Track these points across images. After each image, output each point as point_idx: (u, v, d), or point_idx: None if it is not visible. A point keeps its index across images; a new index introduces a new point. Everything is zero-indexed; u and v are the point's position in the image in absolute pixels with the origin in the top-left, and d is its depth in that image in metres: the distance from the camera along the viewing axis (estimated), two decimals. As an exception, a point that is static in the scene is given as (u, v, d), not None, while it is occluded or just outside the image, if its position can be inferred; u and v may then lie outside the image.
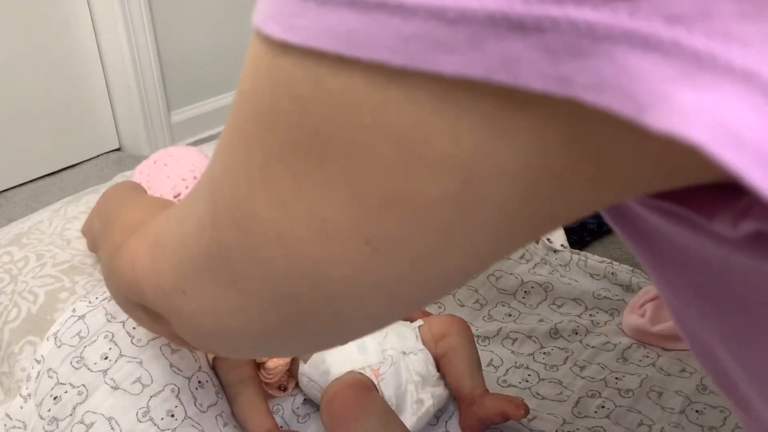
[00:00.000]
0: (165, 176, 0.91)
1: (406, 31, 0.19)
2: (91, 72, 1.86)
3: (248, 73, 0.25)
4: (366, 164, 0.22)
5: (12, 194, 1.75)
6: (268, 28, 0.22)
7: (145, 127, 1.91)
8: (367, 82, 0.21)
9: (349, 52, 0.20)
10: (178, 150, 0.93)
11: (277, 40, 0.22)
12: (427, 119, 0.20)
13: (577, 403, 0.85)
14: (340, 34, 0.20)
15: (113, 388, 0.71)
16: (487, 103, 0.20)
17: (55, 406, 0.70)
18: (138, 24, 1.81)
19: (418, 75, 0.20)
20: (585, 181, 0.22)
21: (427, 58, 0.19)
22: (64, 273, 0.88)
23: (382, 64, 0.20)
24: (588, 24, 0.17)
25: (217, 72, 2.07)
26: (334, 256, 0.25)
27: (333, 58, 0.21)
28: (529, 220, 0.23)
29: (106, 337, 0.75)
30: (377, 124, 0.21)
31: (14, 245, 0.94)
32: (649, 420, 0.81)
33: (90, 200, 1.05)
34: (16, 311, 0.85)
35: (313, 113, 0.22)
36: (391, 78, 0.20)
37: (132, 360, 0.73)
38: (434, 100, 0.20)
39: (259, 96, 0.24)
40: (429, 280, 0.26)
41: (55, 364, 0.73)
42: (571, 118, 0.20)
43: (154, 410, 0.70)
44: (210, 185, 0.29)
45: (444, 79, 0.19)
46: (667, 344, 0.93)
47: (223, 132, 0.28)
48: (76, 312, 0.77)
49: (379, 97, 0.21)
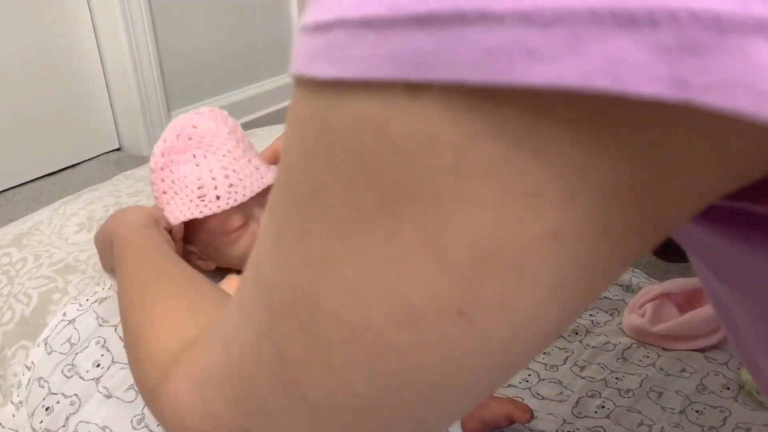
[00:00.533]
0: (191, 157, 0.74)
1: (490, 42, 0.16)
2: (91, 72, 1.86)
3: (292, 143, 0.22)
4: (450, 218, 0.19)
5: (12, 194, 1.75)
6: (314, 69, 0.19)
7: (145, 127, 1.91)
8: (443, 114, 0.18)
9: (419, 76, 0.17)
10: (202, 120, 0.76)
11: (327, 81, 0.19)
12: (519, 145, 0.18)
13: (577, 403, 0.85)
14: (404, 58, 0.17)
15: (106, 396, 0.69)
16: (579, 116, 0.18)
17: (47, 417, 0.69)
18: (138, 24, 1.81)
19: (503, 95, 0.17)
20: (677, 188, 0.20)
21: (515, 70, 0.16)
22: (57, 273, 0.88)
23: (461, 84, 0.17)
24: (713, 14, 0.15)
25: (217, 72, 2.07)
26: (424, 340, 0.21)
27: (399, 91, 0.18)
28: (626, 242, 0.21)
29: (97, 342, 0.73)
30: (460, 163, 0.18)
31: (13, 246, 0.94)
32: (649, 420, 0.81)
33: (89, 198, 1.05)
34: (10, 314, 0.84)
35: (380, 170, 0.19)
36: (472, 103, 0.18)
37: (125, 366, 0.71)
38: (523, 122, 0.18)
39: (309, 165, 0.21)
40: (536, 340, 0.22)
41: (45, 372, 0.72)
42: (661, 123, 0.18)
43: (150, 417, 0.68)
44: (262, 290, 0.25)
45: (530, 94, 0.17)
46: (667, 344, 0.93)
47: (264, 226, 0.25)
48: (67, 316, 0.76)
49: (461, 130, 0.18)
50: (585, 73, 0.16)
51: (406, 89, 0.18)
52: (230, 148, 0.75)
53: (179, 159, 0.75)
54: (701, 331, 0.91)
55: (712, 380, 0.86)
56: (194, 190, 0.73)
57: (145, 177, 1.13)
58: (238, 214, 0.75)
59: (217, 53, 2.06)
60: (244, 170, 0.74)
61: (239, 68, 2.14)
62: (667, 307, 0.94)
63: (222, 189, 0.72)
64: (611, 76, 0.16)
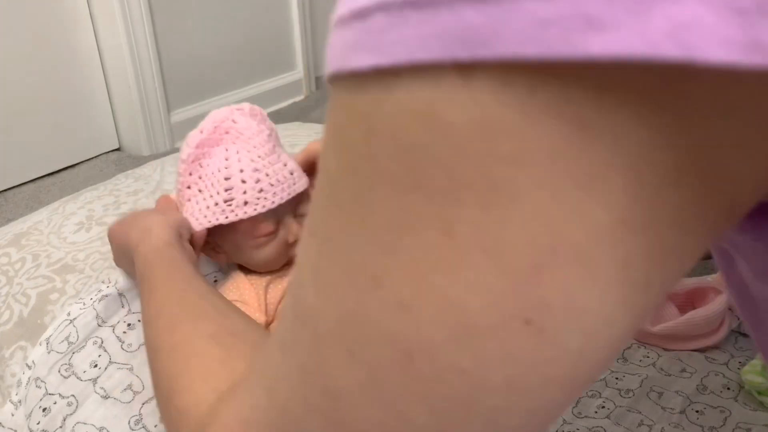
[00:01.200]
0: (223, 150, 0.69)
1: (545, 12, 0.15)
2: (91, 72, 1.86)
3: (332, 153, 0.20)
4: (507, 212, 0.17)
5: (12, 194, 1.75)
6: (353, 60, 0.18)
7: (145, 127, 1.91)
8: (499, 96, 0.16)
9: (471, 54, 0.16)
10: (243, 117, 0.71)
11: (368, 72, 0.18)
12: (582, 126, 0.16)
13: (577, 403, 0.85)
14: (453, 36, 0.16)
15: (104, 397, 0.69)
16: (643, 91, 0.16)
17: (44, 419, 0.68)
18: (138, 24, 1.81)
19: (563, 71, 0.16)
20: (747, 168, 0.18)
21: (573, 42, 0.15)
22: (55, 272, 0.87)
23: (515, 60, 0.16)
24: None
25: (217, 72, 2.07)
26: (488, 356, 0.19)
27: (449, 74, 0.17)
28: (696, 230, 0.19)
29: (95, 343, 0.73)
30: (519, 149, 0.17)
31: (13, 246, 0.94)
32: (649, 420, 0.81)
33: (88, 197, 1.05)
34: (8, 314, 0.84)
35: (430, 163, 0.18)
36: (530, 82, 0.16)
37: (122, 367, 0.71)
38: (586, 100, 0.16)
39: (352, 174, 0.19)
40: (609, 348, 0.20)
41: (43, 372, 0.71)
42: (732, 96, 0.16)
43: (147, 417, 0.68)
44: (304, 321, 0.23)
45: (590, 69, 0.16)
46: (667, 344, 0.93)
47: (303, 249, 0.23)
48: (70, 315, 0.75)
49: (519, 112, 0.16)
50: (650, 40, 0.15)
51: (456, 71, 0.17)
52: (267, 151, 0.69)
53: (211, 152, 0.70)
54: (701, 331, 0.91)
55: (712, 380, 0.86)
56: (221, 192, 0.68)
57: (144, 176, 1.13)
58: (269, 220, 0.70)
59: (217, 53, 2.06)
60: (277, 175, 0.68)
61: (239, 68, 2.13)
62: (667, 307, 0.94)
63: (251, 194, 0.67)
64: (679, 43, 0.14)
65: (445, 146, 0.17)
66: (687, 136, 0.17)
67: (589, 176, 0.17)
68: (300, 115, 2.16)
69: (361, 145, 0.19)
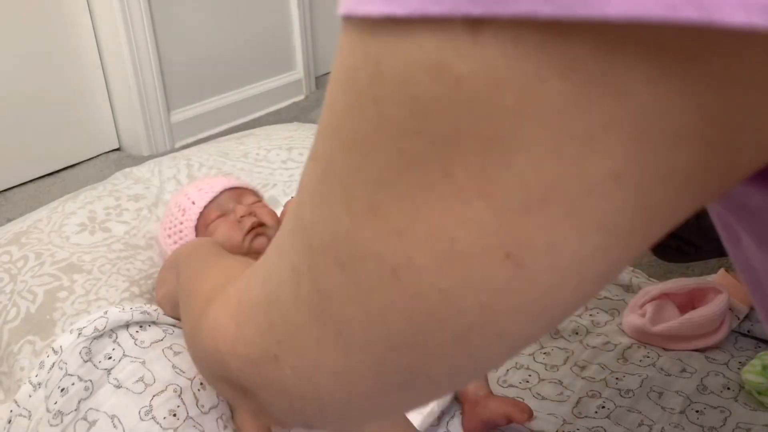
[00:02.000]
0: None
1: None
2: (91, 72, 1.86)
3: (339, 87, 0.21)
4: (507, 160, 0.18)
5: (12, 194, 1.75)
6: (365, 7, 0.18)
7: (145, 127, 1.91)
8: (508, 51, 0.17)
9: (482, 10, 0.16)
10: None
11: (380, 19, 0.18)
12: (589, 84, 0.17)
13: (578, 404, 0.85)
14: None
15: (116, 387, 0.72)
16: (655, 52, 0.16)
17: (61, 399, 0.71)
18: (138, 24, 1.81)
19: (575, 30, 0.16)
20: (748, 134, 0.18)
21: (590, 2, 0.15)
22: (62, 271, 0.89)
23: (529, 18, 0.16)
24: None
25: (217, 72, 2.07)
26: (467, 281, 0.20)
27: (459, 28, 0.17)
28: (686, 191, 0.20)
29: (110, 336, 0.76)
30: (523, 103, 0.17)
31: (13, 245, 0.95)
32: (649, 420, 0.81)
33: (88, 197, 1.05)
34: (15, 311, 0.85)
35: (435, 112, 0.18)
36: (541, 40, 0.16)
37: (135, 360, 0.74)
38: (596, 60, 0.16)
39: (357, 114, 0.20)
40: (579, 290, 0.21)
41: (65, 354, 0.75)
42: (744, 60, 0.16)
43: (157, 409, 0.70)
44: (302, 233, 0.24)
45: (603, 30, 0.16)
46: (667, 344, 0.93)
47: (306, 170, 0.24)
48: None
49: (527, 69, 0.17)
50: (668, 3, 0.14)
51: (466, 25, 0.17)
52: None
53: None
54: (701, 331, 0.91)
55: (712, 380, 0.87)
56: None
57: (144, 179, 1.14)
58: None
59: (217, 53, 2.06)
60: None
61: (239, 68, 2.13)
62: (668, 307, 0.94)
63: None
64: (698, 5, 0.14)
65: (451, 97, 0.18)
66: (694, 100, 0.17)
67: (590, 134, 0.17)
68: (300, 115, 2.16)
69: (368, 87, 0.19)
